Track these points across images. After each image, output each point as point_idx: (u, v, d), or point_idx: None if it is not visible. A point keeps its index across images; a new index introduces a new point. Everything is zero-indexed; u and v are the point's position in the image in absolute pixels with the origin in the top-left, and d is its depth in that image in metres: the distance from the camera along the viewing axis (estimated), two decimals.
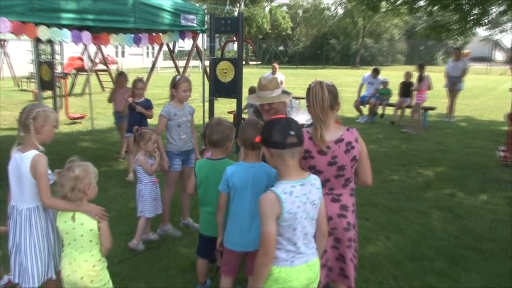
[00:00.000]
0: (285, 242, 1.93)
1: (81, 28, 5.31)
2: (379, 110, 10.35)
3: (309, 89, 2.26)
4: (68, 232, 2.29)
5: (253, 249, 2.36)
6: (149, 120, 5.44)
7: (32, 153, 2.34)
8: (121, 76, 6.44)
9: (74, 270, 2.28)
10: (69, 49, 13.52)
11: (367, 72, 11.20)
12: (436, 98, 13.17)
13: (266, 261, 1.89)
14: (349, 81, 21.29)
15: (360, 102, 10.32)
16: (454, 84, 10.42)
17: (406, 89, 9.71)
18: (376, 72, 10.30)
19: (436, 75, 11.86)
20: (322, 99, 2.19)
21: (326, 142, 2.21)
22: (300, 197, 1.90)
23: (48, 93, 8.51)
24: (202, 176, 2.78)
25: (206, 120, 6.59)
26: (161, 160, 3.75)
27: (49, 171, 2.36)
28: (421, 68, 9.04)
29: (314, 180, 1.99)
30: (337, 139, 2.25)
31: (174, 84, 3.79)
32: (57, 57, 10.70)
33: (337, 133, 2.27)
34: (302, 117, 3.01)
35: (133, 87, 5.34)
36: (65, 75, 10.84)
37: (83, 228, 2.27)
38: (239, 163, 2.53)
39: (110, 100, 6.58)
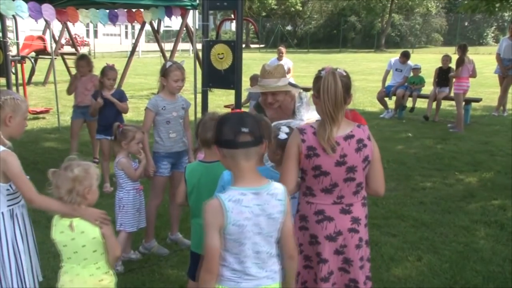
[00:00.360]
0: (231, 259, 1.97)
1: (41, 0, 5.24)
2: (409, 103, 10.39)
3: (318, 78, 2.30)
4: (67, 245, 2.36)
5: None
6: (125, 117, 5.47)
7: None
8: (82, 61, 6.24)
9: (78, 287, 2.35)
10: (26, 26, 13.49)
11: (394, 56, 11.25)
12: (482, 87, 13.06)
13: (208, 278, 1.95)
14: (371, 68, 21.32)
15: (385, 93, 10.36)
16: (507, 69, 10.21)
17: (443, 76, 9.68)
18: (405, 56, 10.33)
19: (486, 58, 11.70)
20: (335, 93, 2.22)
21: (333, 142, 2.25)
22: (251, 207, 1.93)
23: (1, 80, 8.56)
24: (193, 182, 2.84)
25: (199, 115, 6.65)
26: (146, 163, 3.83)
27: None
28: (462, 49, 8.98)
29: (275, 190, 2.00)
30: (347, 135, 2.30)
31: (164, 72, 3.86)
32: (10, 35, 10.70)
33: (347, 128, 2.32)
34: (314, 114, 3.05)
35: (102, 76, 5.28)
36: (22, 59, 10.87)
37: (84, 237, 2.34)
38: None
39: (70, 91, 6.43)
